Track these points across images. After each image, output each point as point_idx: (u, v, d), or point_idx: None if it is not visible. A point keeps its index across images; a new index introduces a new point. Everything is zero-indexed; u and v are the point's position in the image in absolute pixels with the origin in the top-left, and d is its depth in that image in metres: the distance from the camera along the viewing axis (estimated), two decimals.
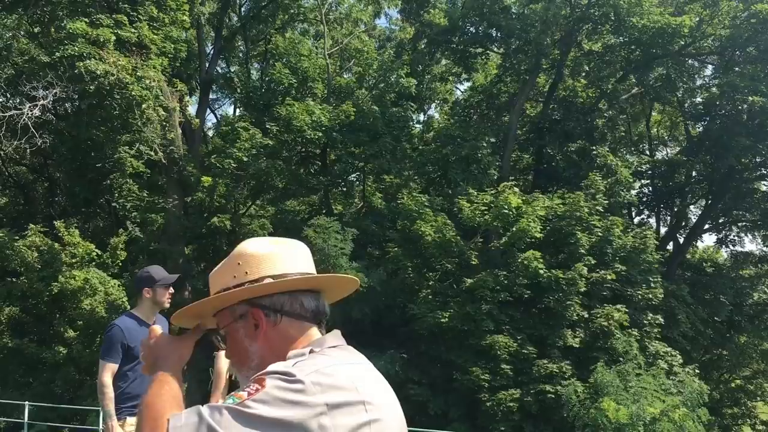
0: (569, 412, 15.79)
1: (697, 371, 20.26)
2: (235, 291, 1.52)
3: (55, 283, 19.02)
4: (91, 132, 21.24)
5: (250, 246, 1.61)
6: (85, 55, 17.89)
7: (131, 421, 4.70)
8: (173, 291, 5.01)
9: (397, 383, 18.36)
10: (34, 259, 19.68)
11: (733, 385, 28.51)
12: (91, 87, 18.27)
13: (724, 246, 28.93)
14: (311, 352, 1.43)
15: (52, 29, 19.02)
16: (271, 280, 1.53)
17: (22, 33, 20.54)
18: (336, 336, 1.55)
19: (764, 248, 28.45)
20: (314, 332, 1.55)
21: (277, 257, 1.57)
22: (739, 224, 28.28)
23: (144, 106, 19.21)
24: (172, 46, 21.26)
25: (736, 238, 28.54)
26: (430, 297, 20.22)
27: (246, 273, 1.54)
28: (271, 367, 1.35)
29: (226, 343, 1.59)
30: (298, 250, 1.63)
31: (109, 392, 4.64)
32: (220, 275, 1.59)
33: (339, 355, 1.45)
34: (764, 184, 26.62)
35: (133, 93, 18.73)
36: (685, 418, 14.39)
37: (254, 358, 1.52)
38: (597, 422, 14.68)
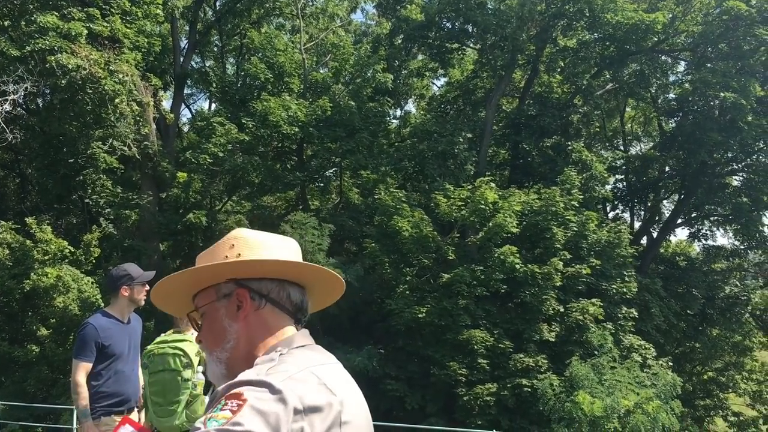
0: (545, 406, 15.88)
1: (670, 364, 20.50)
2: (227, 263, 1.52)
3: (27, 281, 18.73)
4: (63, 127, 20.90)
5: (244, 232, 1.62)
6: (56, 49, 17.60)
7: (106, 420, 4.64)
8: (148, 288, 4.97)
9: (375, 378, 18.41)
10: (5, 256, 19.36)
11: (705, 377, 28.93)
12: (62, 81, 17.99)
13: (696, 240, 29.34)
14: (279, 354, 1.42)
15: (23, 23, 18.66)
16: None
17: None
18: (304, 335, 1.54)
19: (735, 242, 28.89)
20: (289, 328, 1.55)
21: (272, 245, 1.59)
22: (711, 219, 28.67)
23: (117, 100, 18.96)
24: (146, 40, 21.00)
25: (708, 232, 28.95)
26: (407, 292, 20.24)
27: (239, 255, 1.55)
28: (244, 377, 1.33)
29: (201, 325, 1.58)
30: (292, 244, 1.65)
31: (84, 392, 4.57)
32: (211, 254, 1.58)
33: (307, 356, 1.44)
34: (735, 179, 27.04)
35: (105, 87, 18.48)
36: (659, 410, 14.54)
37: (230, 338, 1.51)
38: (572, 415, 14.78)
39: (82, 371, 4.62)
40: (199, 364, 4.43)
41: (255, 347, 1.50)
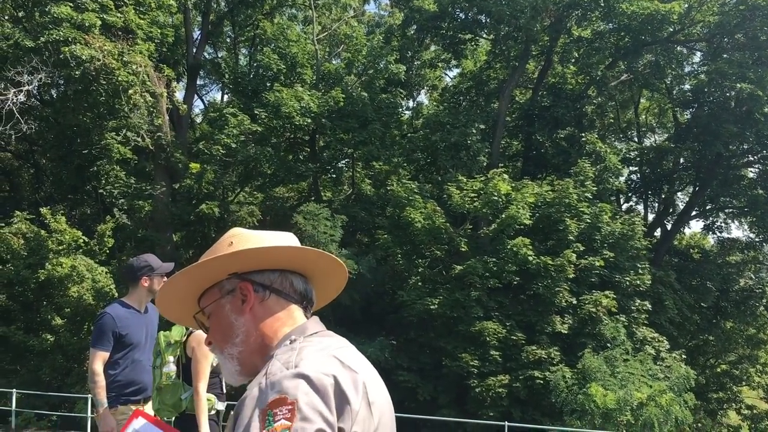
0: (557, 398, 15.89)
1: (683, 356, 20.41)
2: (225, 255, 1.53)
3: (42, 271, 18.89)
4: (77, 118, 21.01)
5: (242, 229, 1.64)
6: (70, 39, 17.68)
7: (122, 409, 4.67)
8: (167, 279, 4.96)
9: (387, 369, 18.45)
10: (20, 246, 19.53)
11: (718, 370, 28.80)
12: (76, 72, 18.06)
13: (711, 232, 29.14)
14: (292, 341, 1.42)
15: (37, 13, 18.74)
16: None
17: (5, 17, 20.24)
18: (316, 322, 1.55)
19: (750, 235, 28.67)
20: (299, 314, 1.56)
21: (270, 239, 1.60)
22: (726, 211, 28.47)
23: (131, 91, 19.03)
24: (159, 31, 21.06)
25: (722, 224, 28.75)
26: (419, 284, 20.25)
27: None
28: (273, 376, 1.30)
29: (209, 326, 1.58)
30: (290, 237, 1.65)
31: (101, 380, 4.60)
32: (211, 254, 1.59)
33: (324, 341, 1.45)
34: (751, 171, 26.80)
35: (119, 78, 18.56)
36: (672, 403, 14.52)
37: (239, 332, 1.52)
38: (585, 407, 14.78)
39: (99, 360, 4.65)
40: (170, 355, 4.51)
41: (266, 337, 1.50)
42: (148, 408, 4.78)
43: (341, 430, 1.26)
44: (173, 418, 4.59)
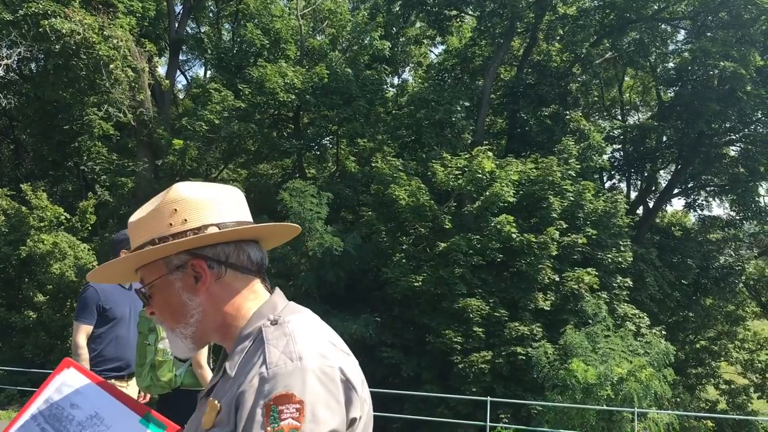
0: (539, 373, 16.07)
1: (663, 332, 20.67)
2: (180, 242, 1.35)
3: (23, 247, 18.76)
4: (57, 93, 20.74)
5: (184, 190, 1.41)
6: (49, 13, 17.39)
7: None
8: None
9: (371, 346, 18.56)
10: (0, 222, 19.34)
11: (698, 345, 29.19)
12: (56, 46, 17.79)
13: (692, 210, 29.39)
14: (273, 322, 1.32)
15: None
16: (216, 229, 1.38)
17: None
18: (280, 295, 1.44)
19: (731, 213, 28.96)
20: (259, 287, 1.43)
21: (218, 203, 1.41)
22: (707, 189, 28.68)
23: (112, 66, 18.79)
24: (140, 4, 20.75)
25: (704, 202, 28.98)
26: (403, 261, 20.30)
27: (185, 221, 1.37)
28: (276, 368, 1.21)
29: (151, 300, 1.42)
30: (236, 195, 1.48)
31: (84, 353, 4.58)
32: (151, 222, 1.39)
33: (305, 320, 1.35)
34: (732, 150, 26.99)
35: (100, 53, 18.31)
36: (652, 378, 14.72)
37: (194, 313, 1.38)
38: (566, 383, 14.96)
39: (82, 333, 4.62)
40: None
41: (228, 316, 1.38)
42: (132, 385, 4.75)
43: (353, 420, 1.22)
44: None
